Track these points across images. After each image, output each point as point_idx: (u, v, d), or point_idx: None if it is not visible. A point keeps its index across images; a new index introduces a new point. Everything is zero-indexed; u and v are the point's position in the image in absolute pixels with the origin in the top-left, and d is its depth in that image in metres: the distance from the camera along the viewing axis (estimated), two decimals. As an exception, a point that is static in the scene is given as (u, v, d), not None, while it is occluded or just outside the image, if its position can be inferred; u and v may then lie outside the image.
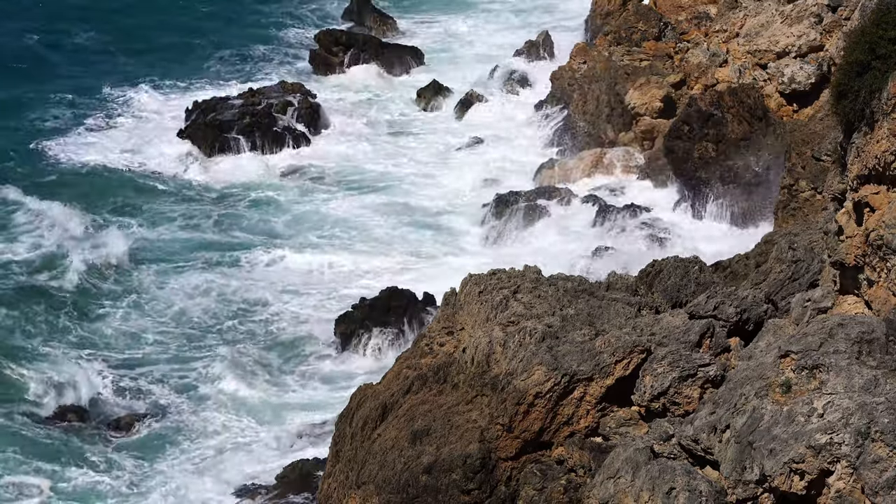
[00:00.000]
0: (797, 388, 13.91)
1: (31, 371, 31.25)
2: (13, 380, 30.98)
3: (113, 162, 47.24)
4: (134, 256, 38.68)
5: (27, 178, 44.83)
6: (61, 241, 39.27)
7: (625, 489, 15.01)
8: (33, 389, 30.49)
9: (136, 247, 39.41)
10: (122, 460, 27.91)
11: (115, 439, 28.88)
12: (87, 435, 28.92)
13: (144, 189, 44.94)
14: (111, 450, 28.41)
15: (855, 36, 15.95)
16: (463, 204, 43.23)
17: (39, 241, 39.40)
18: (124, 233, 40.24)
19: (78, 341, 33.26)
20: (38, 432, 28.77)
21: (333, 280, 37.53)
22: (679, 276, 22.55)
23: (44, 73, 57.84)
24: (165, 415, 30.06)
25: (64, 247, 38.80)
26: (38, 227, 40.17)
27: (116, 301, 35.78)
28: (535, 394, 18.20)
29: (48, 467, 27.32)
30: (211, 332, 34.07)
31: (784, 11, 42.78)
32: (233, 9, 71.77)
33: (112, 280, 37.02)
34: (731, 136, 39.62)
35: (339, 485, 21.18)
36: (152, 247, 39.65)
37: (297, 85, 53.69)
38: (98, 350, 32.88)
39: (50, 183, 44.48)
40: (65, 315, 34.47)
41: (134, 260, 38.41)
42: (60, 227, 40.15)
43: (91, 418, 29.64)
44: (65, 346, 32.79)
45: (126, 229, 40.76)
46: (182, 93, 55.80)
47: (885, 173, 15.26)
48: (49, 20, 66.35)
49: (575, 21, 62.02)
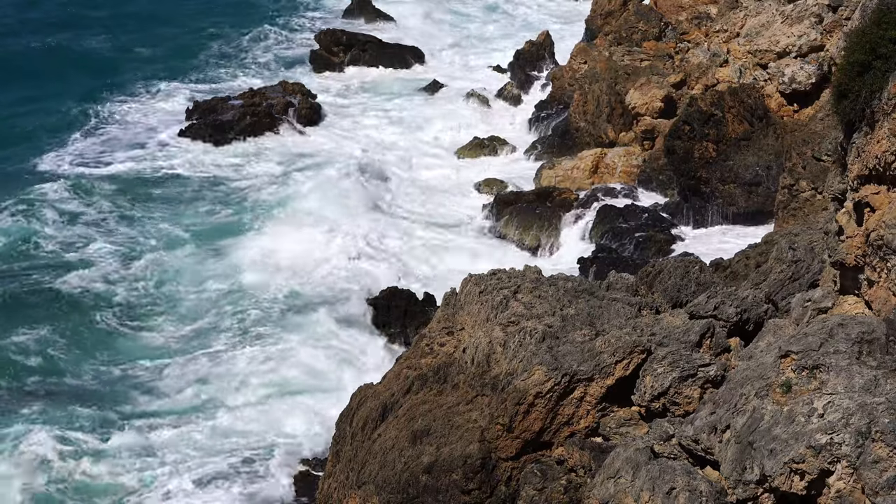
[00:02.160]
0: (797, 388, 13.91)
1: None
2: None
3: (113, 161, 47.30)
4: (140, 254, 38.82)
5: (24, 175, 44.96)
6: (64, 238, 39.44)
7: (625, 489, 15.00)
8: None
9: (140, 243, 39.49)
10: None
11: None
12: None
13: (143, 189, 45.03)
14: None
15: (855, 36, 15.93)
16: (463, 203, 43.24)
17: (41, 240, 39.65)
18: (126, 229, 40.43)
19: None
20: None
21: (333, 279, 37.55)
22: (679, 276, 22.55)
23: (43, 74, 57.93)
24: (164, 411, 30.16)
25: (69, 246, 38.96)
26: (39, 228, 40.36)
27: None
28: (535, 394, 18.20)
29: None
30: (211, 325, 34.13)
31: (784, 11, 42.78)
32: (233, 9, 71.89)
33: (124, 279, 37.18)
34: (732, 136, 39.64)
35: (339, 485, 21.18)
36: (158, 245, 39.76)
37: (297, 85, 53.75)
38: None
39: (47, 182, 44.61)
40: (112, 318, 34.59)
41: (142, 258, 38.55)
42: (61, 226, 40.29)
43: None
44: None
45: (131, 224, 40.93)
46: (182, 93, 55.87)
47: (886, 173, 15.25)
48: (49, 22, 66.47)
49: (575, 21, 62.09)
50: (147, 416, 29.31)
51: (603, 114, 45.44)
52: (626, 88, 45.02)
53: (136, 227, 41.23)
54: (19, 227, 40.27)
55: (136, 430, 28.46)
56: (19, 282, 36.31)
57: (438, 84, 56.32)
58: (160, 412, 29.49)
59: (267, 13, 71.72)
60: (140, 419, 29.10)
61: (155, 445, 27.88)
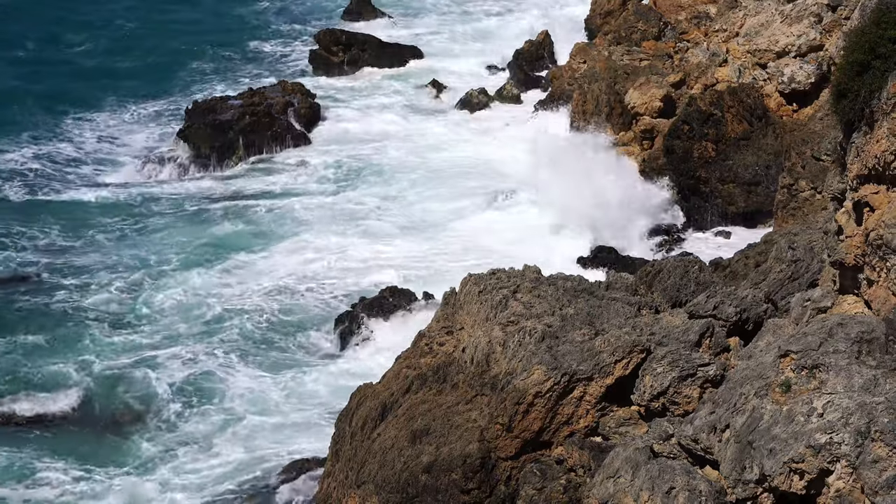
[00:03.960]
0: (797, 388, 13.91)
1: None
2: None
3: (111, 161, 47.28)
4: (136, 255, 38.75)
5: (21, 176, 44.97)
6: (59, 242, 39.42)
7: (624, 489, 15.00)
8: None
9: (137, 247, 39.45)
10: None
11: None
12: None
13: (142, 188, 44.99)
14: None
15: (855, 35, 15.93)
16: (463, 203, 43.24)
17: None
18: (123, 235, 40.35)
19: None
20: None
21: (333, 277, 37.53)
22: (679, 276, 22.57)
23: (42, 75, 57.90)
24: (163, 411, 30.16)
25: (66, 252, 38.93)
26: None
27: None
28: (534, 393, 18.20)
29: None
30: (210, 328, 34.07)
31: (784, 11, 42.78)
32: (232, 8, 71.86)
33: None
34: (731, 135, 39.64)
35: (338, 484, 21.18)
36: (152, 248, 39.67)
37: (297, 85, 53.70)
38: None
39: (44, 182, 44.60)
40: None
41: (137, 259, 38.48)
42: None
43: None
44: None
45: (127, 227, 40.84)
46: (182, 93, 55.84)
47: (885, 173, 15.25)
48: (45, 23, 66.43)
49: (575, 21, 62.07)
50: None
51: (602, 113, 45.43)
52: (625, 88, 45.00)
53: (135, 225, 41.16)
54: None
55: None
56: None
57: (438, 84, 56.31)
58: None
59: (267, 13, 71.68)
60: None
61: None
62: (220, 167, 47.78)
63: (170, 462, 27.73)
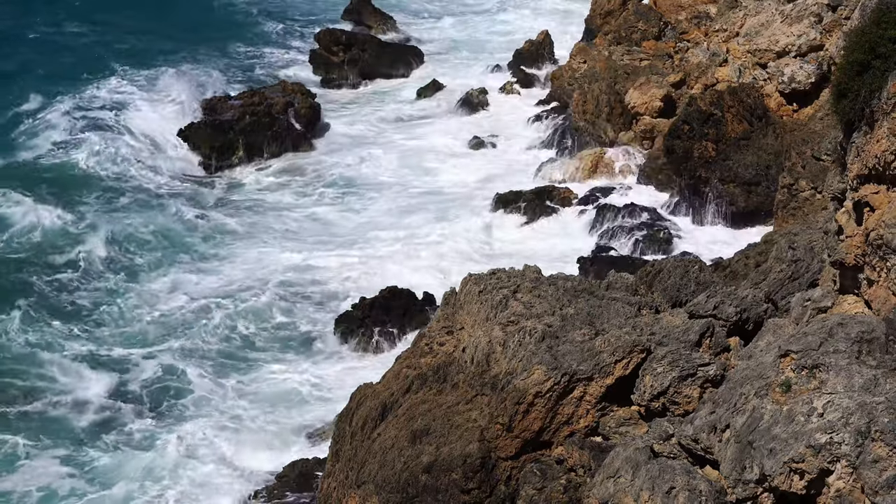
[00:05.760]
0: (797, 388, 13.90)
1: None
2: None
3: (112, 162, 47.24)
4: (128, 254, 38.73)
5: (20, 176, 44.98)
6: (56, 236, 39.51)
7: (624, 489, 14.99)
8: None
9: (130, 244, 39.46)
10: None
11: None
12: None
13: (141, 188, 44.98)
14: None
15: (855, 35, 15.92)
16: (463, 203, 43.24)
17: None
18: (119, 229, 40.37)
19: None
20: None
21: (333, 279, 37.55)
22: (679, 276, 22.56)
23: (41, 73, 57.81)
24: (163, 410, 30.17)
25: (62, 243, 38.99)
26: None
27: (114, 297, 35.98)
28: (534, 393, 18.19)
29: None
30: (210, 331, 34.05)
31: (784, 11, 42.78)
32: (232, 8, 71.83)
33: (109, 277, 37.13)
34: (731, 135, 39.64)
35: (338, 484, 21.17)
36: (148, 245, 39.68)
37: (297, 85, 53.68)
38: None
39: (44, 181, 44.59)
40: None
41: (128, 257, 38.47)
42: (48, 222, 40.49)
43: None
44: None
45: (123, 225, 40.88)
46: (181, 93, 55.73)
47: (885, 173, 15.25)
48: (45, 16, 66.41)
49: (575, 21, 62.08)
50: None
51: (602, 113, 45.43)
52: (625, 88, 45.02)
53: (133, 224, 41.20)
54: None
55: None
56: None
57: (438, 84, 56.29)
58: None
59: (267, 13, 71.64)
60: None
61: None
62: (220, 167, 47.78)
63: (169, 464, 27.81)
